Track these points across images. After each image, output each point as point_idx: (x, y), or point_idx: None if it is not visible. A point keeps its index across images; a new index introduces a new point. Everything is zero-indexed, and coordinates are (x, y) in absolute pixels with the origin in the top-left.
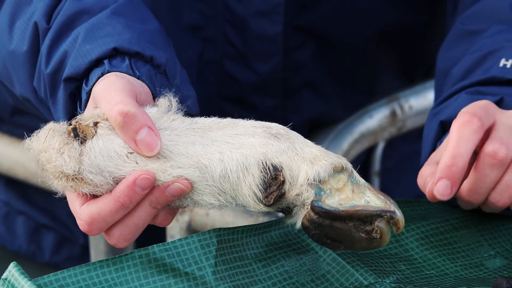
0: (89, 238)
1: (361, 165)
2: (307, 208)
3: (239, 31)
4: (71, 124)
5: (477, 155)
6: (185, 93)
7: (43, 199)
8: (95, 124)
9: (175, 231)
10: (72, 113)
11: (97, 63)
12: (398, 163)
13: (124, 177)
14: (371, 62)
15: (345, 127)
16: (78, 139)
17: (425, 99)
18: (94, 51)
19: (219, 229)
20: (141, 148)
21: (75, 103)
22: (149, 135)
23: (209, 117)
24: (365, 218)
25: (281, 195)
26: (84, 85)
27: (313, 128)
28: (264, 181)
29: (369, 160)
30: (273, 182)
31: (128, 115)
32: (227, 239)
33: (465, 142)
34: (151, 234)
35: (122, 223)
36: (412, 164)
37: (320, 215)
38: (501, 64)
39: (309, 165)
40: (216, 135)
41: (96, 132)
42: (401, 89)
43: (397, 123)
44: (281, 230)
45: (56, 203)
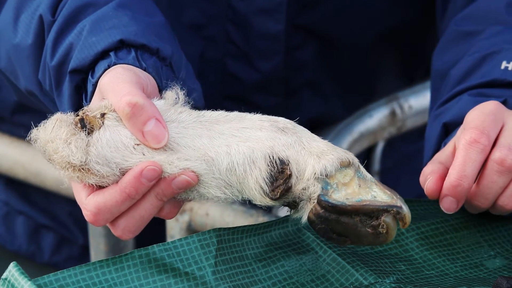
0: (89, 238)
1: (362, 165)
2: (313, 203)
3: (241, 29)
4: (78, 115)
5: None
6: (191, 86)
7: (43, 199)
8: (102, 115)
9: (175, 231)
10: (77, 106)
11: (103, 55)
12: (398, 162)
13: (130, 168)
14: (372, 62)
15: (344, 127)
16: (85, 130)
17: (424, 98)
18: (100, 43)
19: (219, 229)
20: (148, 139)
21: (81, 96)
22: (157, 126)
23: None
24: (371, 213)
25: (288, 189)
26: (90, 77)
27: (314, 128)
28: (271, 174)
29: (369, 159)
30: (280, 176)
31: (136, 106)
32: (227, 239)
33: (471, 163)
34: (151, 234)
35: (127, 215)
36: (412, 164)
37: (327, 209)
38: (502, 67)
39: (316, 159)
40: (223, 128)
41: (103, 123)
42: (401, 89)
43: (396, 122)
44: (281, 230)
45: (55, 203)
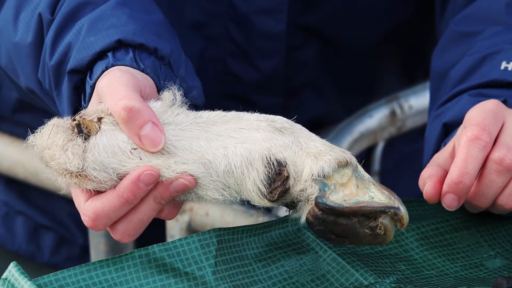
0: (88, 238)
1: (361, 165)
2: (311, 204)
3: (242, 28)
4: (74, 120)
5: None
6: (190, 83)
7: (43, 199)
8: (99, 119)
9: (175, 231)
10: (77, 105)
11: (101, 55)
12: (398, 162)
13: (128, 173)
14: (372, 63)
15: (344, 126)
16: (82, 135)
17: (424, 98)
18: (98, 43)
19: (219, 229)
20: (145, 143)
21: (80, 96)
22: (153, 130)
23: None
24: (369, 214)
25: (286, 191)
26: (88, 78)
27: (314, 128)
28: (269, 176)
29: (369, 159)
30: (278, 177)
31: (132, 110)
32: (227, 239)
33: (472, 160)
34: (151, 234)
35: (126, 219)
36: (412, 164)
37: (324, 211)
38: (502, 67)
39: (314, 160)
40: (220, 129)
41: (100, 128)
42: (401, 89)
43: (396, 122)
44: (281, 230)
45: (55, 203)
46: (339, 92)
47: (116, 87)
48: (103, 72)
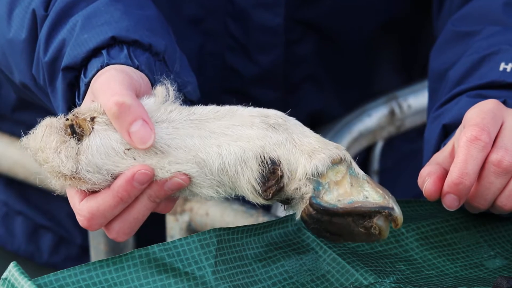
0: (88, 238)
1: (360, 164)
2: (305, 202)
3: (240, 23)
4: (68, 119)
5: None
6: (185, 79)
7: (42, 199)
8: (92, 119)
9: (175, 231)
10: (71, 102)
11: (95, 52)
12: (397, 162)
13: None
14: (370, 57)
15: (343, 126)
16: (75, 136)
17: (423, 98)
18: (92, 40)
19: (219, 229)
20: (134, 140)
21: (74, 92)
22: (143, 127)
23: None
24: (364, 214)
25: (280, 189)
26: (82, 75)
27: (313, 123)
28: (263, 175)
29: (368, 159)
30: (272, 176)
31: (123, 105)
32: (227, 239)
33: (472, 160)
34: (151, 234)
35: (121, 218)
36: (411, 163)
37: (319, 211)
38: (501, 68)
39: (307, 158)
40: (214, 126)
41: (93, 128)
42: (399, 85)
43: (395, 122)
44: (281, 230)
45: (54, 204)
46: (337, 86)
47: (110, 84)
48: (98, 70)
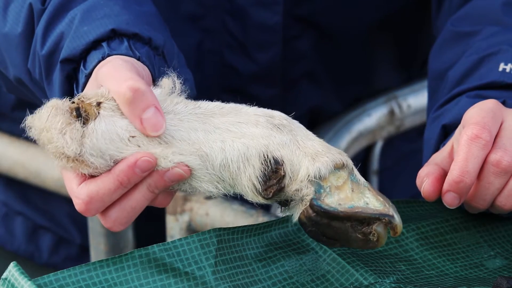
0: (88, 238)
1: (360, 164)
2: (305, 204)
3: (239, 20)
4: (73, 102)
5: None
6: (182, 76)
7: (41, 200)
8: (98, 104)
9: (175, 231)
10: (68, 95)
11: (94, 45)
12: (396, 162)
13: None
14: (368, 53)
15: (343, 125)
16: (81, 119)
17: (423, 97)
18: (92, 32)
19: (219, 229)
20: (146, 127)
21: (72, 85)
22: (156, 115)
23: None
24: (363, 220)
25: (281, 189)
26: (82, 67)
27: (312, 120)
28: (264, 173)
29: (368, 159)
30: (273, 175)
31: (138, 91)
32: (227, 239)
33: (473, 158)
34: (151, 234)
35: (119, 205)
36: (411, 163)
37: (319, 214)
38: (500, 69)
39: (311, 161)
40: (219, 121)
41: (99, 113)
42: (397, 82)
43: (395, 121)
44: (281, 230)
45: (54, 204)
46: (335, 83)
47: (120, 71)
48: (99, 61)
